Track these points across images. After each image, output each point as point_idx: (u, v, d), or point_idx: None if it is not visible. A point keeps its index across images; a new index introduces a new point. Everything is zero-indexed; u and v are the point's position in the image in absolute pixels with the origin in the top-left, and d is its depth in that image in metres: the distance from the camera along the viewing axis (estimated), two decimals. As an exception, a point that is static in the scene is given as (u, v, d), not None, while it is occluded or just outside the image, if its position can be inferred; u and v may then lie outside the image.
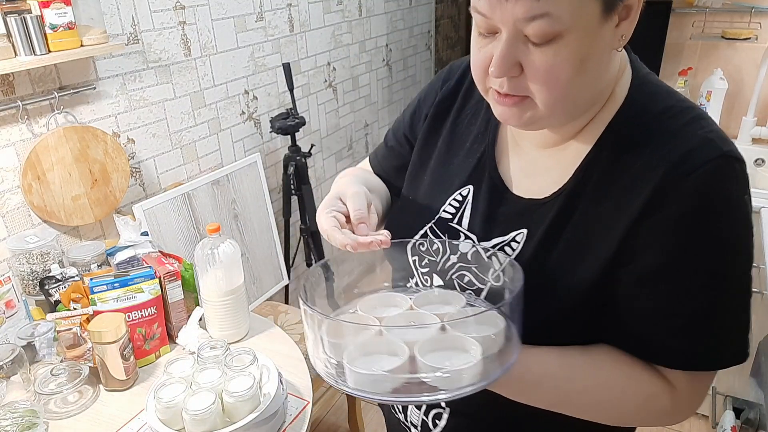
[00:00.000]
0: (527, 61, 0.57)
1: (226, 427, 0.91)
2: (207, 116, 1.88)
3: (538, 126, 0.64)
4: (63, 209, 1.42)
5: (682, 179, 0.56)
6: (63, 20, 1.27)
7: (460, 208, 0.73)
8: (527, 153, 0.71)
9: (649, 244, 0.59)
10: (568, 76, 0.57)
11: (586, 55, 0.57)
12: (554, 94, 0.58)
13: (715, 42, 2.09)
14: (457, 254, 0.71)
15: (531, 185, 0.69)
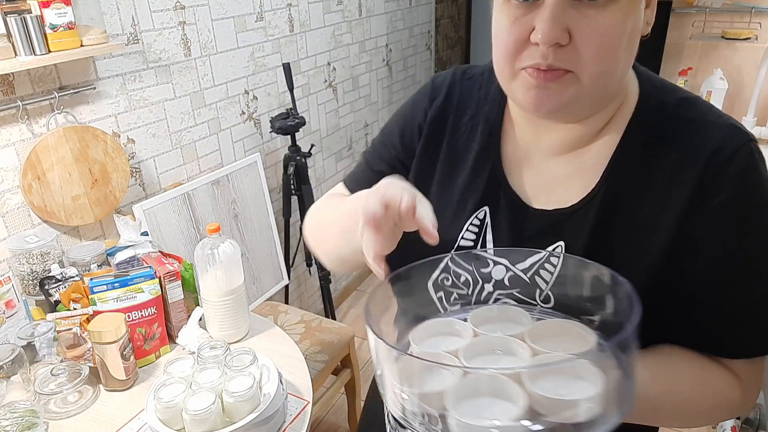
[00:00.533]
0: (580, 26, 0.53)
1: (226, 427, 0.91)
2: (207, 116, 1.88)
3: (572, 111, 0.60)
4: (63, 209, 1.42)
5: (723, 167, 0.57)
6: (63, 20, 1.27)
7: (480, 233, 0.68)
8: (540, 164, 0.67)
9: (704, 236, 0.58)
10: (620, 44, 0.55)
11: (633, 27, 0.56)
12: (605, 63, 0.55)
13: (715, 42, 2.09)
14: (491, 282, 0.65)
15: (552, 196, 0.65)
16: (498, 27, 0.59)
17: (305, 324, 1.90)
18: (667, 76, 2.19)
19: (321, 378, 1.77)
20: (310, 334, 1.85)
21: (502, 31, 0.58)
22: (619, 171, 0.62)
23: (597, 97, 0.59)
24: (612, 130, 0.63)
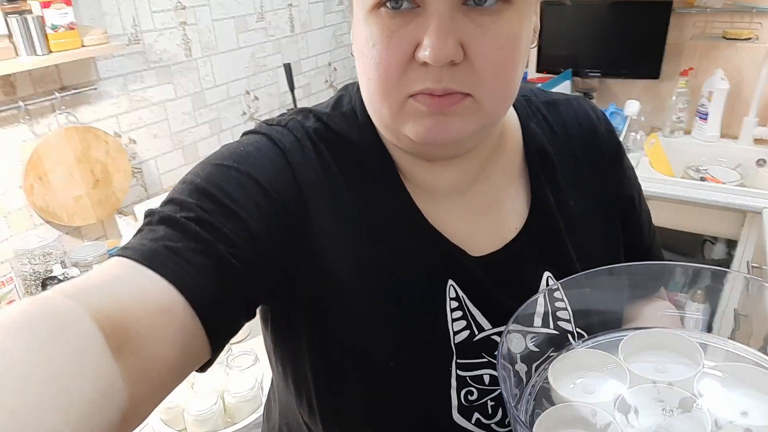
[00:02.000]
0: (474, 37, 0.42)
1: (228, 428, 0.91)
2: (208, 117, 1.88)
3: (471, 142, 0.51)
4: (65, 210, 1.42)
5: (595, 132, 0.62)
6: (64, 21, 1.27)
7: (465, 314, 0.53)
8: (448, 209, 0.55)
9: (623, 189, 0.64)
10: (519, 57, 0.45)
11: (527, 34, 0.46)
12: (507, 80, 0.45)
13: (715, 42, 2.09)
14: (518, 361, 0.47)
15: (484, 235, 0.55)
16: (365, 45, 0.45)
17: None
18: (667, 77, 2.18)
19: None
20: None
21: (373, 50, 0.44)
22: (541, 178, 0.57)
23: (496, 122, 0.51)
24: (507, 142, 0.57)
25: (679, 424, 0.39)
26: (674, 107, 2.14)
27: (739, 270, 1.82)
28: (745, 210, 1.74)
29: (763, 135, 2.04)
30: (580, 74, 2.25)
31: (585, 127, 0.61)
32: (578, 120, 0.62)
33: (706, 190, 1.80)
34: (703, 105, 2.11)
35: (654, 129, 2.24)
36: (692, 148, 2.14)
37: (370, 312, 0.51)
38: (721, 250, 2.09)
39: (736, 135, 2.12)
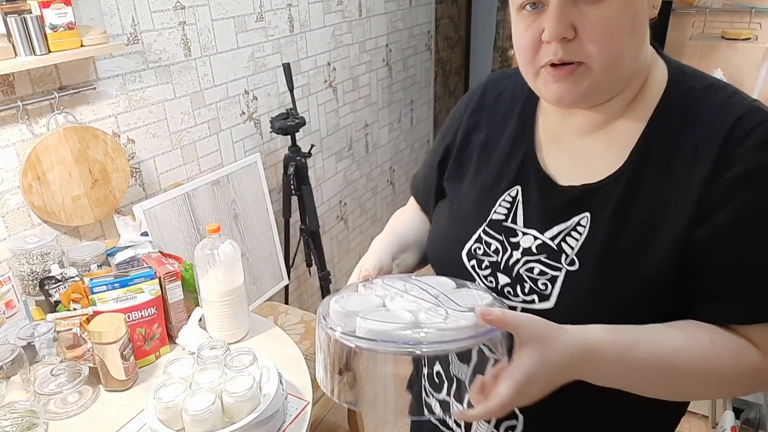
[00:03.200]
0: (582, 21, 0.60)
1: (226, 428, 0.91)
2: (207, 116, 1.88)
3: (593, 98, 0.67)
4: (63, 209, 1.42)
5: (741, 141, 0.60)
6: (63, 20, 1.27)
7: (511, 208, 0.74)
8: (568, 144, 0.73)
9: (721, 205, 0.61)
10: (622, 32, 0.61)
11: (635, 14, 0.61)
12: (611, 50, 0.61)
13: (715, 42, 2.09)
14: (519, 249, 0.72)
15: (580, 172, 0.70)
16: (516, 36, 0.67)
17: (305, 324, 1.90)
18: (667, 77, 2.17)
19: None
20: (310, 334, 1.85)
21: (519, 38, 0.66)
22: (646, 150, 0.66)
23: (613, 81, 0.65)
24: (638, 111, 0.68)
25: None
26: (673, 107, 2.14)
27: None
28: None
29: (762, 135, 2.04)
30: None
31: (730, 131, 0.61)
32: (732, 123, 0.62)
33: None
34: (702, 105, 2.11)
35: (653, 129, 2.25)
36: (691, 148, 2.14)
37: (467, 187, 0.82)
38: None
39: (734, 135, 2.12)
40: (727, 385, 0.66)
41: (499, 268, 0.73)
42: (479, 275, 0.75)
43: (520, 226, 0.73)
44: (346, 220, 2.84)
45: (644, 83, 0.68)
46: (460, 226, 0.79)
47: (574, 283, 0.67)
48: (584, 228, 0.67)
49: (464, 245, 0.76)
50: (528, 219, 0.73)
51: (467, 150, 0.83)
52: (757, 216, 0.60)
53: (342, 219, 2.81)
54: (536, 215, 0.72)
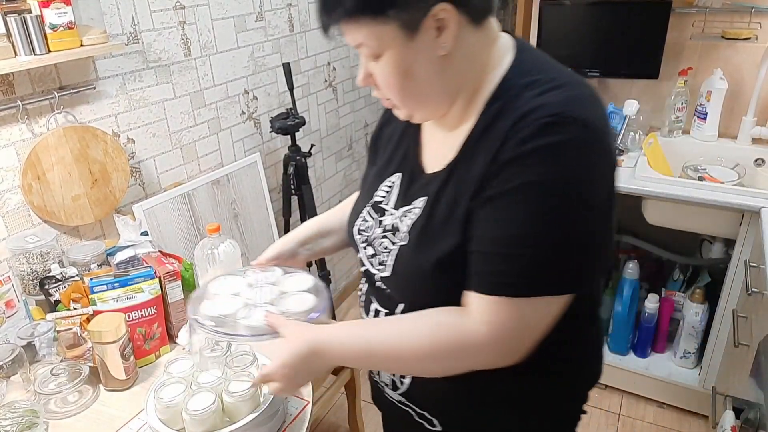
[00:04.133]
0: (375, 72, 0.74)
1: (226, 428, 0.91)
2: (207, 116, 1.88)
3: (417, 119, 0.80)
4: (63, 209, 1.42)
5: (515, 133, 0.67)
6: (63, 20, 1.27)
7: (390, 192, 0.88)
8: (439, 138, 0.83)
9: (489, 184, 0.70)
10: (398, 83, 0.73)
11: (409, 65, 0.71)
12: (397, 96, 0.75)
13: (715, 42, 2.09)
14: (381, 227, 0.86)
15: (435, 163, 0.81)
16: None
17: (305, 324, 1.90)
18: (667, 77, 2.18)
19: (321, 378, 1.77)
20: (310, 334, 1.84)
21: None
22: (466, 144, 0.76)
23: (427, 108, 0.78)
24: (472, 112, 0.76)
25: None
26: (673, 107, 2.14)
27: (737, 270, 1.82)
28: (743, 209, 1.74)
29: (762, 135, 2.04)
30: (579, 74, 2.25)
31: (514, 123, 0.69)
32: (519, 116, 0.69)
33: (705, 190, 1.81)
34: (702, 105, 2.11)
35: (653, 128, 2.25)
36: (691, 148, 2.14)
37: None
38: (719, 249, 2.09)
39: (734, 135, 2.12)
40: (443, 360, 0.75)
41: (368, 241, 0.88)
42: (360, 246, 0.91)
43: (390, 208, 0.86)
44: (346, 219, 2.84)
45: (480, 88, 0.75)
46: (356, 205, 0.95)
47: (402, 255, 0.81)
48: (419, 209, 0.80)
49: (355, 221, 0.93)
50: (396, 201, 0.86)
51: (380, 139, 0.97)
52: (501, 196, 0.68)
53: (342, 219, 2.80)
54: (400, 198, 0.85)
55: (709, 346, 2.00)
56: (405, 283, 0.81)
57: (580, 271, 0.71)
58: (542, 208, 0.66)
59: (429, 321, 0.75)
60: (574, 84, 0.71)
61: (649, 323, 2.20)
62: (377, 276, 0.86)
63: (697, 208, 1.82)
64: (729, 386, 1.76)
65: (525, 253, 0.67)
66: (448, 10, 0.68)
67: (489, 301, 0.70)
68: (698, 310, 2.06)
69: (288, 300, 0.88)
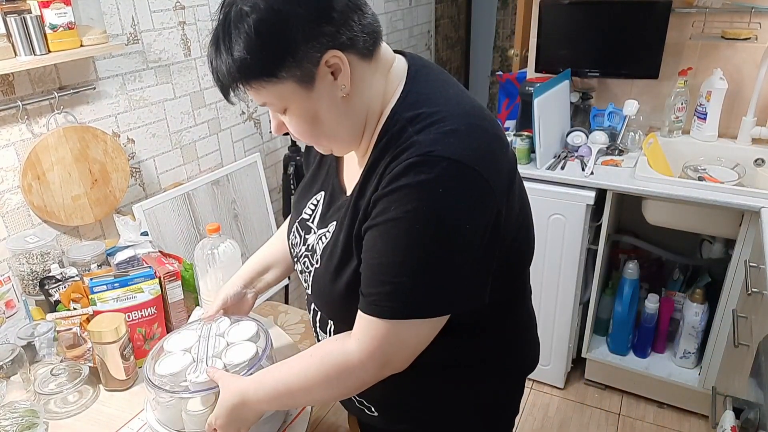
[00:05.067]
0: (286, 122, 0.79)
1: (226, 427, 0.91)
2: (207, 116, 1.88)
3: (339, 153, 0.86)
4: (63, 209, 1.42)
5: (390, 170, 0.72)
6: (63, 20, 1.27)
7: (315, 210, 0.92)
8: (351, 163, 0.88)
9: (368, 216, 0.75)
10: (308, 130, 0.78)
11: (314, 112, 0.76)
12: (311, 141, 0.81)
13: (715, 42, 2.09)
14: (306, 245, 0.91)
15: (350, 187, 0.86)
16: None
17: (305, 324, 1.90)
18: (667, 77, 2.18)
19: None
20: (310, 334, 1.85)
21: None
22: (363, 175, 0.79)
23: (339, 144, 0.82)
24: (371, 144, 0.81)
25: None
26: (673, 107, 2.14)
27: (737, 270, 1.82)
28: (743, 209, 1.74)
29: (762, 135, 2.04)
30: (579, 74, 2.25)
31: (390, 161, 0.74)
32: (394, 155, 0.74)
33: (705, 190, 1.81)
34: (702, 105, 2.11)
35: (652, 129, 2.25)
36: (690, 148, 2.14)
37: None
38: (719, 249, 2.09)
39: (734, 135, 2.12)
40: (326, 385, 0.81)
41: (297, 258, 0.94)
42: (294, 258, 0.96)
43: (314, 226, 0.91)
44: (346, 219, 2.84)
45: (379, 120, 0.79)
46: (290, 220, 1.00)
47: (316, 278, 0.86)
48: (330, 234, 0.85)
49: (289, 237, 0.98)
50: (318, 220, 0.90)
51: (309, 155, 1.01)
52: (376, 227, 0.73)
53: (342, 219, 2.80)
54: (321, 218, 0.89)
55: (709, 346, 2.00)
56: (323, 302, 0.89)
57: (450, 296, 0.74)
58: (406, 240, 0.71)
59: (321, 352, 0.81)
60: (455, 117, 0.74)
61: (649, 323, 2.20)
62: (307, 292, 0.94)
63: (697, 208, 1.82)
64: (729, 386, 1.76)
65: (394, 281, 0.72)
66: (338, 55, 0.72)
67: (365, 320, 0.75)
68: (698, 310, 2.06)
69: (232, 351, 0.97)
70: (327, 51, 0.71)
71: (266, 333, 1.02)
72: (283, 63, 0.70)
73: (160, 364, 0.94)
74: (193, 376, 0.91)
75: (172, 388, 0.91)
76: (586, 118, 2.25)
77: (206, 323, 1.04)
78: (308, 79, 0.72)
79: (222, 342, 0.99)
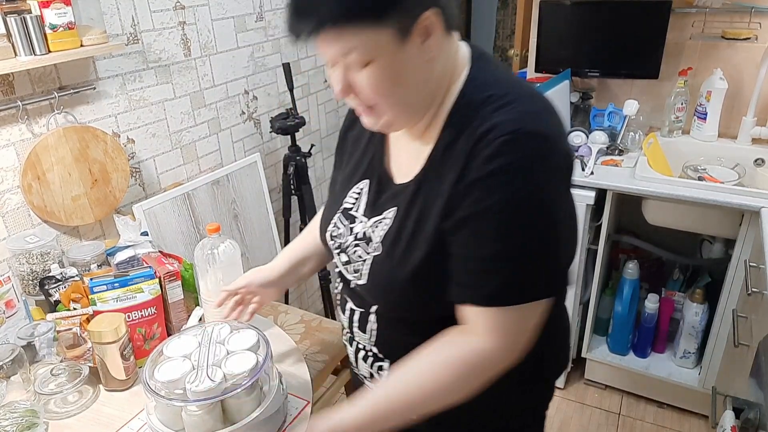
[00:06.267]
0: (355, 82, 0.73)
1: (226, 428, 0.91)
2: (207, 116, 1.88)
3: (394, 128, 0.80)
4: (63, 209, 1.42)
5: (478, 153, 0.70)
6: (63, 20, 1.27)
7: (358, 198, 0.90)
8: (406, 146, 0.85)
9: (459, 205, 0.72)
10: (388, 89, 0.73)
11: (399, 71, 0.72)
12: (386, 103, 0.74)
13: (715, 42, 2.09)
14: (353, 234, 0.88)
15: (404, 172, 0.84)
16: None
17: (305, 324, 1.90)
18: (666, 77, 2.18)
19: (321, 378, 1.77)
20: (310, 334, 1.85)
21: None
22: (431, 159, 0.78)
23: (406, 115, 0.77)
24: (435, 124, 0.79)
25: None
26: (673, 107, 2.14)
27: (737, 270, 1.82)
28: (743, 209, 1.74)
29: (762, 135, 2.04)
30: (580, 74, 2.25)
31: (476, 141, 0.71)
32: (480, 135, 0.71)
33: (705, 190, 1.81)
34: (702, 105, 2.11)
35: (653, 129, 2.25)
36: (690, 148, 2.14)
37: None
38: (719, 249, 2.10)
39: (734, 135, 2.12)
40: (465, 385, 0.78)
41: (342, 248, 0.90)
42: (334, 252, 0.93)
43: (359, 215, 0.88)
44: (346, 219, 2.84)
45: (443, 101, 0.78)
46: (327, 211, 0.96)
47: (376, 265, 0.83)
48: (390, 220, 0.82)
49: (327, 228, 0.94)
50: (365, 209, 0.88)
51: (345, 143, 0.98)
52: (477, 216, 0.71)
53: (342, 219, 2.80)
54: (369, 206, 0.87)
55: (709, 346, 2.00)
56: (380, 290, 0.85)
57: (559, 274, 0.76)
58: (516, 222, 0.70)
59: (447, 363, 0.77)
60: (527, 98, 0.74)
61: (649, 323, 2.20)
62: (352, 282, 0.89)
63: (697, 208, 1.82)
64: (729, 386, 1.76)
65: (510, 266, 0.72)
66: (435, 15, 0.70)
67: (489, 313, 0.74)
68: (698, 310, 2.06)
69: (232, 360, 0.96)
70: (429, 8, 0.69)
71: (267, 343, 1.01)
72: (393, 7, 0.67)
73: (160, 370, 0.94)
74: (193, 385, 0.90)
75: (170, 395, 0.91)
76: (586, 118, 2.25)
77: (206, 328, 1.03)
78: (405, 33, 0.69)
79: (222, 350, 0.98)
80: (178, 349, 0.99)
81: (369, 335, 0.91)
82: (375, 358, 0.93)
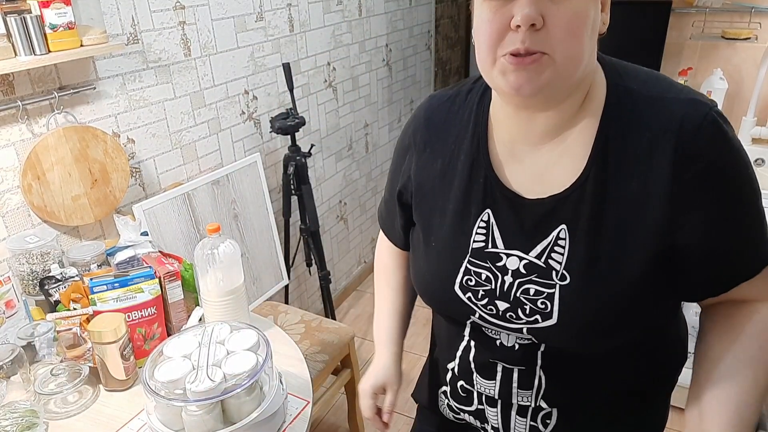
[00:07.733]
0: (551, 12, 0.61)
1: (226, 428, 0.91)
2: (207, 116, 1.88)
3: (550, 92, 0.66)
4: (63, 209, 1.42)
5: (694, 137, 0.64)
6: (63, 20, 1.27)
7: (488, 233, 0.76)
8: (524, 156, 0.74)
9: (697, 199, 0.65)
10: (585, 28, 0.63)
11: (595, 16, 0.65)
12: (574, 44, 0.63)
13: (715, 42, 2.09)
14: (509, 273, 0.74)
15: (544, 184, 0.72)
16: (479, 23, 0.66)
17: (305, 324, 1.90)
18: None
19: (321, 378, 1.77)
20: (310, 334, 1.85)
21: (483, 25, 0.65)
22: (603, 154, 0.68)
23: (570, 77, 0.66)
24: (587, 115, 0.70)
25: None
26: (673, 107, 2.14)
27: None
28: (743, 210, 1.74)
29: (762, 135, 2.04)
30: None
31: (680, 128, 0.65)
32: (680, 120, 0.65)
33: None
34: (702, 105, 2.11)
35: (653, 129, 2.25)
36: (691, 148, 2.14)
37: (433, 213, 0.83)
38: (719, 249, 2.09)
39: (734, 135, 2.12)
40: None
41: (496, 295, 0.75)
42: (477, 305, 0.77)
43: (501, 249, 0.75)
44: (346, 219, 2.84)
45: (590, 87, 0.70)
46: (445, 262, 0.79)
47: (569, 296, 0.70)
48: (564, 241, 0.70)
49: (455, 280, 0.78)
50: (507, 240, 0.74)
51: (427, 182, 0.83)
52: (726, 204, 0.66)
53: (342, 219, 2.81)
54: (514, 235, 0.74)
55: (709, 346, 2.00)
56: (582, 324, 0.71)
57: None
58: (751, 191, 0.68)
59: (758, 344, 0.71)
60: (664, 81, 0.71)
61: (649, 323, 2.19)
62: (527, 328, 0.74)
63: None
64: (729, 386, 1.76)
65: (763, 227, 0.69)
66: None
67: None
68: (698, 309, 2.05)
69: (232, 360, 0.96)
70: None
71: (267, 343, 1.01)
72: None
73: (160, 370, 0.94)
74: (193, 385, 0.90)
75: (170, 395, 0.91)
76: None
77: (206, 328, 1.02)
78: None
79: (222, 350, 0.99)
80: (178, 349, 0.99)
81: (535, 390, 0.79)
82: (537, 411, 0.81)
